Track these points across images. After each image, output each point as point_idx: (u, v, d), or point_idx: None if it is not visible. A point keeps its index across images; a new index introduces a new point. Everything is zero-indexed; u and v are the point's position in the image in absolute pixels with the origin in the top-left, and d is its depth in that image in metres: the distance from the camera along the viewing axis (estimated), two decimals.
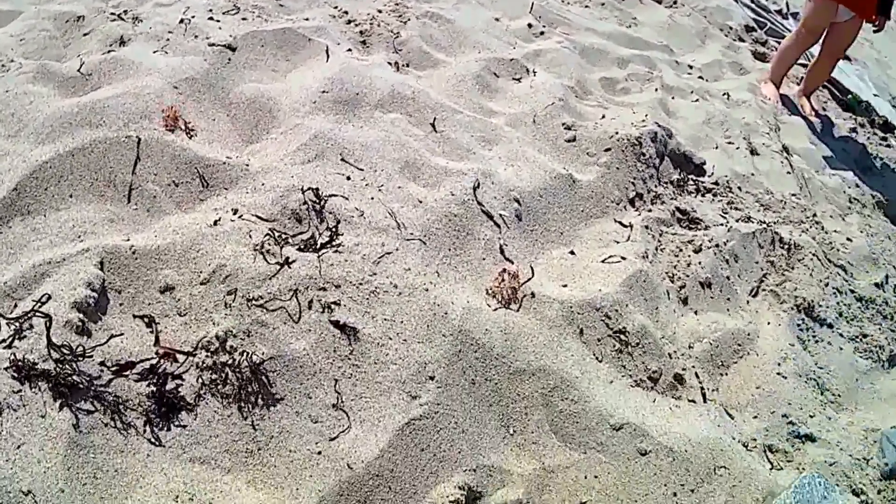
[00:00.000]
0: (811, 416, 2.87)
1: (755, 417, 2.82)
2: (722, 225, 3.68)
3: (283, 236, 2.49)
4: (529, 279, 2.76)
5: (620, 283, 2.89)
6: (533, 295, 2.71)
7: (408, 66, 3.91)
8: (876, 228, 4.64)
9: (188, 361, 2.13)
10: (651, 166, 3.77)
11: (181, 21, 3.50)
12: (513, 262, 2.87)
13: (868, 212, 4.94)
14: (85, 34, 3.48)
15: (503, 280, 2.67)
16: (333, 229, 2.56)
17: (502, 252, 2.89)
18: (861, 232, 4.46)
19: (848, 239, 4.30)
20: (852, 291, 3.79)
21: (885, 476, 2.71)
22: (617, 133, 3.72)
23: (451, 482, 2.18)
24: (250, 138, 3.03)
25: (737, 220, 3.81)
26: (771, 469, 2.56)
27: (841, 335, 3.47)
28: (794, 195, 4.44)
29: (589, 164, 3.60)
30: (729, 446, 2.43)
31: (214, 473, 2.01)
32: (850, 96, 6.97)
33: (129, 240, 2.38)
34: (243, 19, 3.73)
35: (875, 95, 7.20)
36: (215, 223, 2.48)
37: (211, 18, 3.64)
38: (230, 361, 2.12)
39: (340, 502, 2.00)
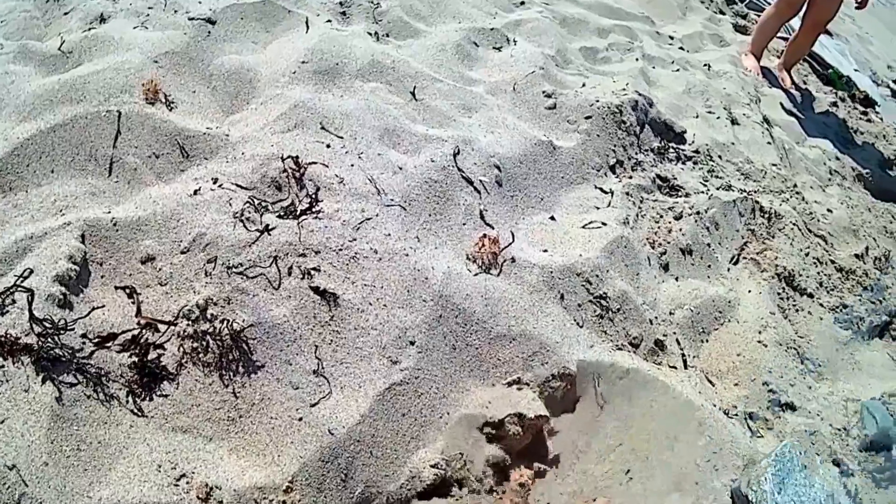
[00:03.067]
0: (791, 385, 2.90)
1: (736, 385, 2.85)
2: (702, 192, 3.70)
3: (263, 204, 2.49)
4: (510, 244, 2.77)
5: (601, 249, 2.91)
6: (513, 260, 2.72)
7: (388, 35, 3.90)
8: (856, 200, 4.68)
9: (169, 331, 2.13)
10: (632, 134, 3.78)
11: None
12: (493, 228, 2.88)
13: (848, 184, 4.98)
14: (65, 13, 3.44)
15: (483, 245, 2.68)
16: (313, 196, 2.56)
17: (482, 217, 2.90)
18: (841, 203, 4.49)
19: (828, 210, 4.33)
20: (832, 262, 3.81)
21: (864, 448, 2.73)
22: (597, 101, 3.72)
23: (432, 447, 2.20)
24: (230, 109, 3.02)
25: (717, 188, 3.83)
26: (751, 437, 2.58)
27: (821, 305, 3.50)
28: (774, 165, 4.46)
29: (569, 131, 3.60)
30: (710, 413, 2.44)
31: (197, 442, 2.01)
32: (830, 70, 7.01)
33: (110, 212, 2.37)
34: None
35: (856, 70, 7.25)
36: (195, 193, 2.48)
37: None
38: (211, 329, 2.13)
39: (322, 468, 2.01)
